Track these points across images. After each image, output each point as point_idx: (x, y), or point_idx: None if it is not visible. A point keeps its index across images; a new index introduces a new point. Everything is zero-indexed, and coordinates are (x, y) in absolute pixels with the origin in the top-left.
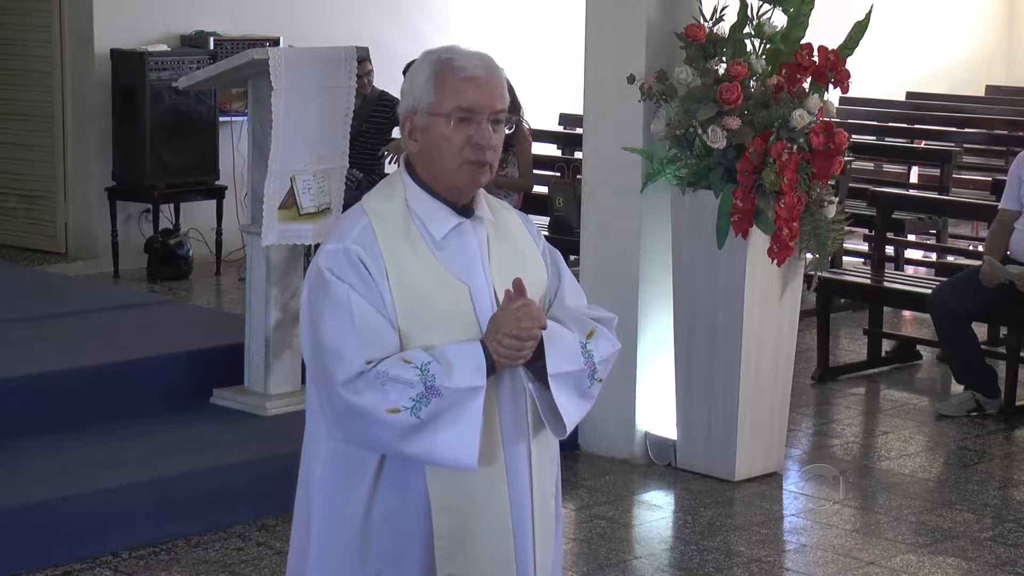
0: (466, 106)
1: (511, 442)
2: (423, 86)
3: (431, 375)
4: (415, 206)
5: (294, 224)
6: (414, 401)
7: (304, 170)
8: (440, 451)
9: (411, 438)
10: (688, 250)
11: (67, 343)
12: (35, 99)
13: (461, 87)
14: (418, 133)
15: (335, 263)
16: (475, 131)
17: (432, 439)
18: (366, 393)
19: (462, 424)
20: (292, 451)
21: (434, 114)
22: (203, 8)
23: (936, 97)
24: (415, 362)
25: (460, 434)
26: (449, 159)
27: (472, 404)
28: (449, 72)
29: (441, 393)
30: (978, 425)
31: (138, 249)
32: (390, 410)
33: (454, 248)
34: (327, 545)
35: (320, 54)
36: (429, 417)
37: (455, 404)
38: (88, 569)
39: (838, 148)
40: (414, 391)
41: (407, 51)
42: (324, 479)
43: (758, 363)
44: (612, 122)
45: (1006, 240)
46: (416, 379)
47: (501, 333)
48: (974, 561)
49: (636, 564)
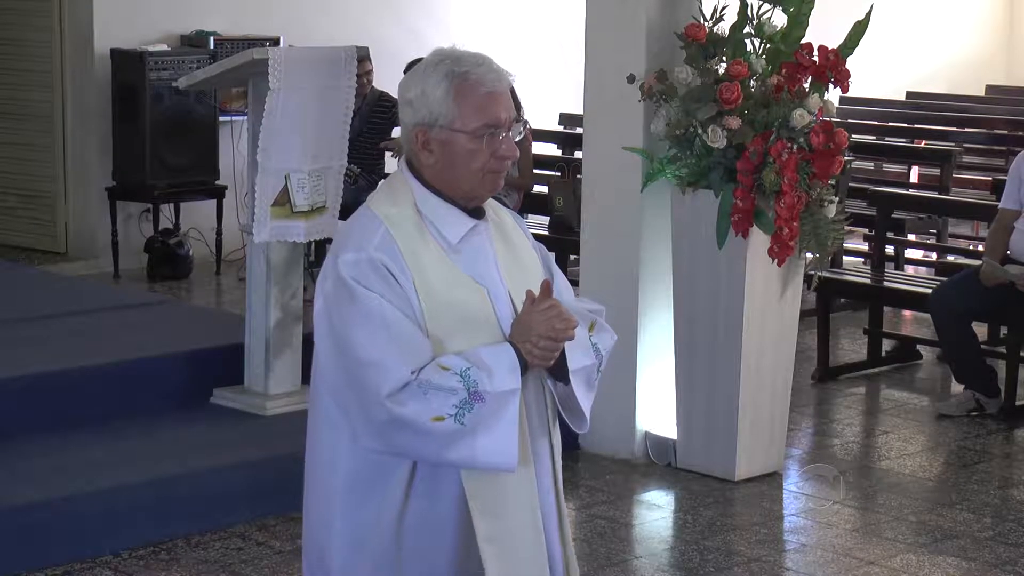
0: (492, 123)
1: (536, 439)
2: (441, 102)
3: (472, 381)
4: (426, 210)
5: (287, 221)
6: (457, 408)
7: (299, 168)
8: (481, 456)
9: (454, 445)
10: (688, 250)
11: (67, 343)
12: (35, 99)
13: (484, 104)
14: (434, 145)
15: (360, 273)
16: (500, 144)
17: (472, 444)
18: (410, 404)
19: (501, 427)
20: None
21: (456, 130)
22: (203, 8)
23: (936, 97)
24: (454, 368)
25: (499, 437)
26: (473, 172)
27: (510, 407)
28: (468, 88)
29: (484, 399)
30: (978, 425)
31: (138, 249)
32: (435, 419)
33: (469, 251)
34: (357, 557)
35: (320, 54)
36: (473, 423)
37: (496, 408)
38: (88, 569)
39: (838, 148)
40: (457, 398)
41: (407, 51)
42: (350, 488)
43: (758, 363)
44: (612, 122)
45: (1006, 240)
46: (459, 385)
47: (535, 335)
48: (974, 561)
49: (636, 564)
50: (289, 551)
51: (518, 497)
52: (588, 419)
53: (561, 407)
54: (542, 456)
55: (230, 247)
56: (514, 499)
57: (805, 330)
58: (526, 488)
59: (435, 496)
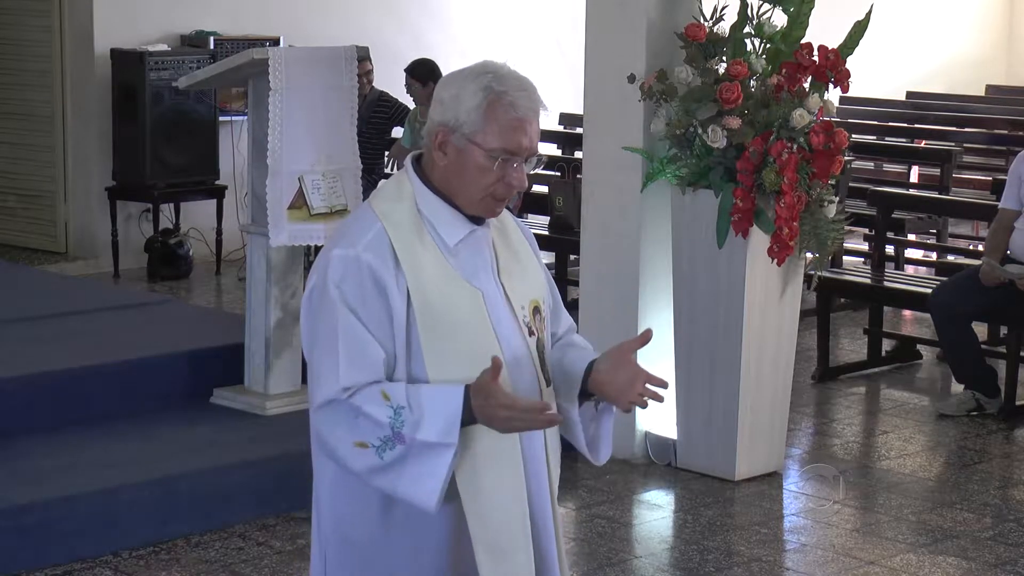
0: (512, 149)
1: (531, 439)
2: (471, 111)
3: (400, 421)
4: (425, 209)
5: (306, 224)
6: (381, 442)
7: (312, 170)
8: (400, 493)
9: (374, 474)
10: (688, 250)
11: (67, 343)
12: (35, 99)
13: (511, 128)
14: (450, 149)
15: (341, 273)
16: (511, 172)
17: (394, 481)
18: (337, 420)
19: (424, 478)
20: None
21: (475, 144)
22: (203, 8)
23: (936, 97)
24: (392, 400)
25: (422, 485)
26: (477, 189)
27: (438, 460)
28: (501, 108)
29: (406, 442)
30: (978, 424)
31: (138, 249)
32: (358, 444)
33: (466, 254)
34: (346, 550)
35: (320, 54)
36: (392, 461)
37: (418, 456)
38: (88, 569)
39: (838, 147)
40: (382, 432)
41: (407, 51)
42: (337, 482)
43: (758, 363)
44: (612, 122)
45: (1006, 240)
46: (386, 421)
47: (511, 410)
48: (974, 560)
49: (636, 564)
50: (289, 551)
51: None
52: (610, 447)
53: (587, 440)
54: (535, 458)
55: (230, 247)
56: (505, 502)
57: (805, 330)
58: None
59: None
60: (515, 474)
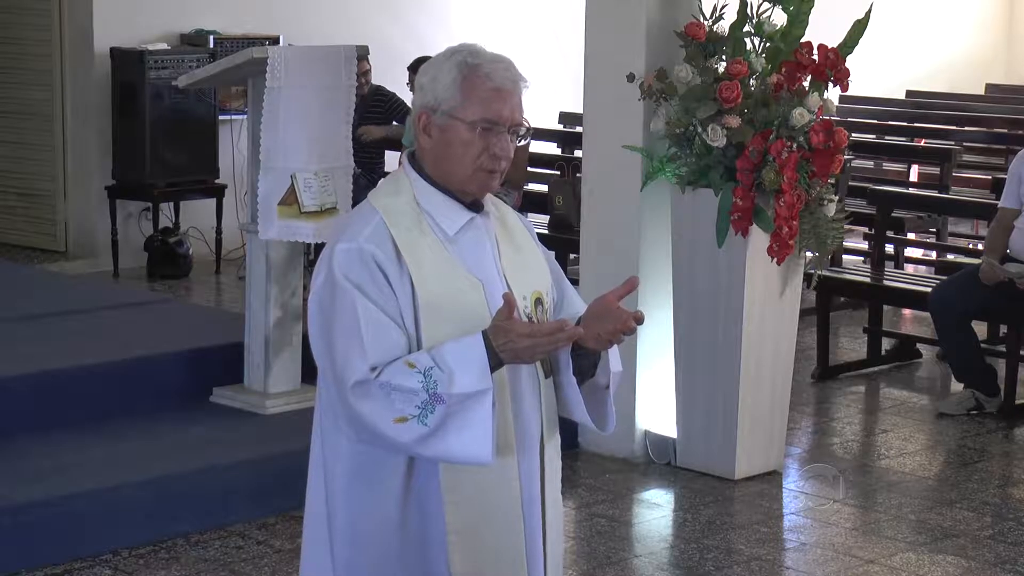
0: (492, 118)
1: (524, 435)
2: (448, 87)
3: (433, 382)
4: (424, 202)
5: (295, 221)
6: (420, 409)
7: (304, 168)
8: (454, 453)
9: (423, 443)
10: (688, 249)
11: (67, 343)
12: (35, 97)
13: (489, 98)
14: (434, 130)
15: (347, 264)
16: (495, 141)
17: (445, 443)
18: (372, 402)
19: (472, 427)
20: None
21: (456, 118)
22: (203, 7)
23: (936, 96)
24: (419, 366)
25: (472, 437)
26: (465, 164)
27: (477, 407)
28: (477, 80)
29: (445, 400)
30: (978, 423)
31: (138, 248)
32: (398, 419)
33: (466, 243)
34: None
35: (320, 53)
36: (437, 424)
37: (459, 410)
38: (88, 568)
39: (838, 146)
40: (419, 399)
41: (407, 51)
42: (350, 483)
43: (758, 362)
44: (612, 121)
45: (1006, 239)
46: (420, 387)
47: (532, 337)
48: (974, 559)
49: (636, 562)
50: (289, 550)
51: (495, 491)
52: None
53: (588, 411)
54: (531, 451)
55: (230, 246)
56: (491, 493)
57: (805, 329)
58: (505, 483)
59: (433, 491)
60: (507, 466)
